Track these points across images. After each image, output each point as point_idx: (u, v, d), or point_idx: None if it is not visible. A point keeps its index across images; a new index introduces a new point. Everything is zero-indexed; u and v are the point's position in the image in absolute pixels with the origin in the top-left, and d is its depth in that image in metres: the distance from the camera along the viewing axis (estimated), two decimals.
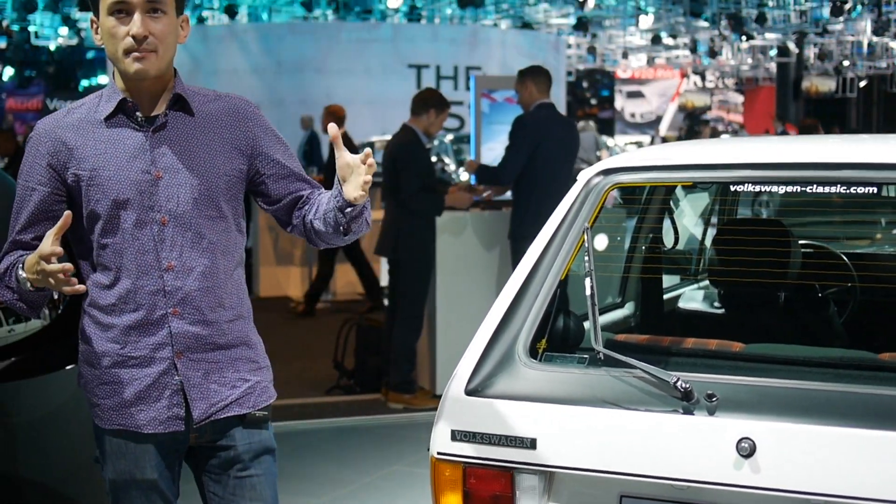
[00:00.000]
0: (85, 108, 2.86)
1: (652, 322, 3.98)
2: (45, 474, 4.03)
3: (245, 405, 2.89)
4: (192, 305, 2.82)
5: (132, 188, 2.77)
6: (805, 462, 2.55)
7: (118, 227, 2.78)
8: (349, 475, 5.78)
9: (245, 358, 2.92)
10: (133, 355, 2.81)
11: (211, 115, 2.89)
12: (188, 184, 2.81)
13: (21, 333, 4.08)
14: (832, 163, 2.96)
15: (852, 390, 2.64)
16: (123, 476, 2.88)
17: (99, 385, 2.86)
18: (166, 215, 2.79)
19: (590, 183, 3.18)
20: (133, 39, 2.72)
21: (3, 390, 3.87)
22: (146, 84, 2.79)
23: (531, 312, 2.98)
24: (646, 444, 2.70)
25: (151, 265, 2.79)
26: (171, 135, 2.83)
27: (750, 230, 3.92)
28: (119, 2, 2.72)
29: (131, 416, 2.83)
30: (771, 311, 3.79)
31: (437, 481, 2.92)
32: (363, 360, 7.89)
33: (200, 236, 2.83)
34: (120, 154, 2.78)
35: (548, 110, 7.78)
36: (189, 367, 2.83)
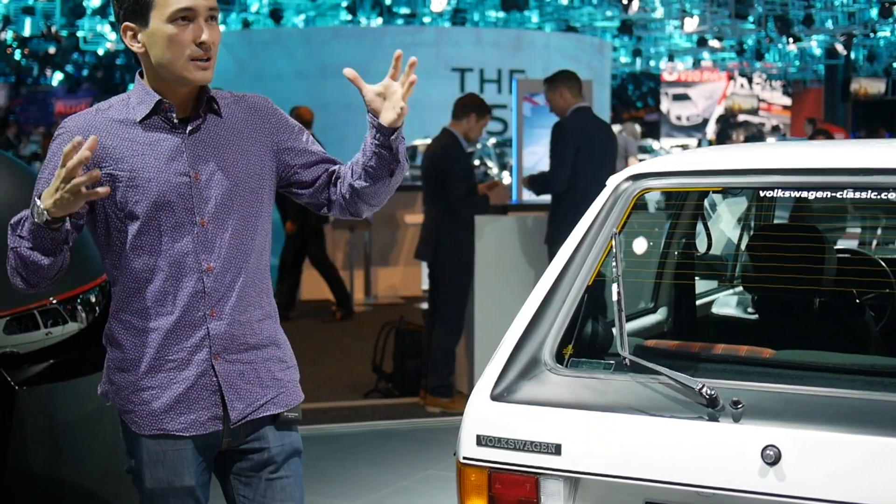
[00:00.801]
0: (115, 108, 2.83)
1: (684, 327, 3.96)
2: (82, 476, 4.08)
3: (279, 404, 2.90)
4: (230, 306, 2.81)
5: (172, 190, 2.76)
6: (831, 470, 2.53)
7: (156, 229, 2.76)
8: (385, 478, 5.80)
9: (276, 357, 2.92)
10: (170, 358, 2.79)
11: (236, 117, 2.90)
12: (225, 185, 2.81)
13: (58, 336, 4.12)
14: (861, 168, 2.94)
15: (881, 398, 2.62)
16: (161, 484, 2.86)
17: (135, 392, 2.82)
18: (205, 217, 2.79)
19: (618, 188, 3.18)
20: (200, 47, 2.72)
21: (42, 392, 3.92)
22: (187, 90, 2.80)
23: (558, 318, 2.98)
24: (670, 450, 2.69)
25: (191, 267, 2.78)
26: (205, 136, 2.83)
27: (784, 235, 3.90)
28: (186, 9, 2.71)
29: (172, 420, 2.81)
30: (805, 317, 3.76)
31: (462, 486, 2.92)
32: (402, 363, 7.92)
33: (238, 237, 2.83)
34: (158, 156, 2.77)
35: (585, 114, 7.74)
36: (226, 368, 2.82)
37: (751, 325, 3.97)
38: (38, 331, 4.09)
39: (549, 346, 2.93)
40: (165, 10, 2.71)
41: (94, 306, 4.33)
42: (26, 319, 4.07)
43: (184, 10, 2.71)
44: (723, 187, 3.42)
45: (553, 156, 7.59)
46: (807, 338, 3.58)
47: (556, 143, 7.59)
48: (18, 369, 3.84)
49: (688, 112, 41.21)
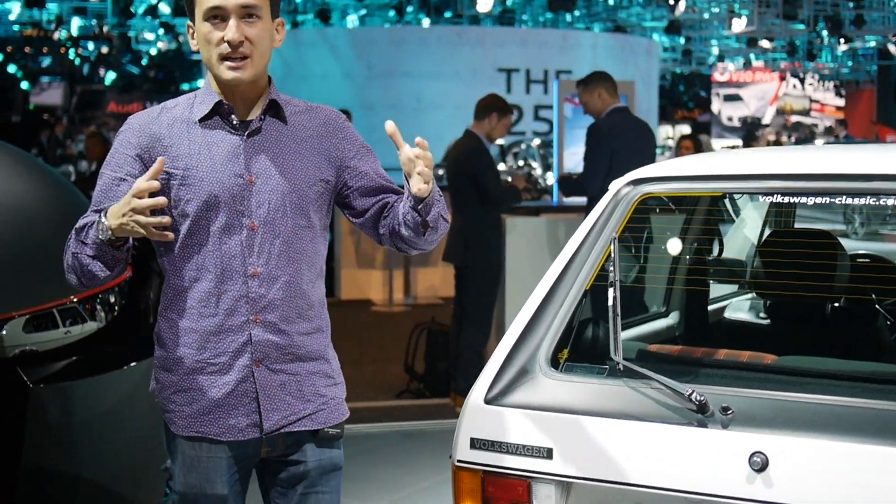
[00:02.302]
0: (179, 107, 2.84)
1: (694, 332, 3.95)
2: (100, 473, 4.14)
3: (317, 421, 2.86)
4: (275, 314, 2.77)
5: (224, 191, 2.74)
6: (818, 477, 2.53)
7: (206, 229, 2.75)
8: (407, 479, 5.83)
9: (321, 372, 2.88)
10: (212, 361, 2.77)
11: (303, 125, 2.86)
12: (280, 190, 2.78)
13: (77, 335, 4.19)
14: (860, 174, 2.92)
15: (872, 405, 2.60)
16: (193, 490, 2.83)
17: (176, 392, 2.81)
18: (256, 221, 2.76)
19: (619, 193, 3.18)
20: (228, 45, 2.71)
21: (60, 390, 3.98)
22: (241, 88, 2.78)
23: (554, 322, 2.99)
24: (660, 456, 2.69)
25: (237, 270, 2.75)
26: (265, 140, 2.80)
27: (797, 241, 3.87)
28: (215, 7, 2.70)
29: (209, 423, 2.79)
30: (817, 322, 3.74)
31: (457, 489, 2.94)
32: (433, 364, 7.94)
33: (288, 245, 2.79)
34: (214, 155, 2.76)
35: (622, 114, 7.69)
36: (266, 377, 2.78)
37: (761, 331, 3.96)
38: (57, 329, 4.16)
39: (544, 351, 2.94)
40: (202, 8, 2.73)
41: (114, 306, 4.40)
42: (46, 318, 4.14)
43: (214, 9, 2.71)
44: (722, 192, 3.42)
45: (587, 159, 7.55)
46: (817, 344, 3.56)
47: (590, 145, 7.54)
48: (35, 367, 3.90)
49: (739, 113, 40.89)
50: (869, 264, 4.15)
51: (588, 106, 7.74)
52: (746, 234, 4.97)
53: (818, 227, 4.18)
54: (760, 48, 30.03)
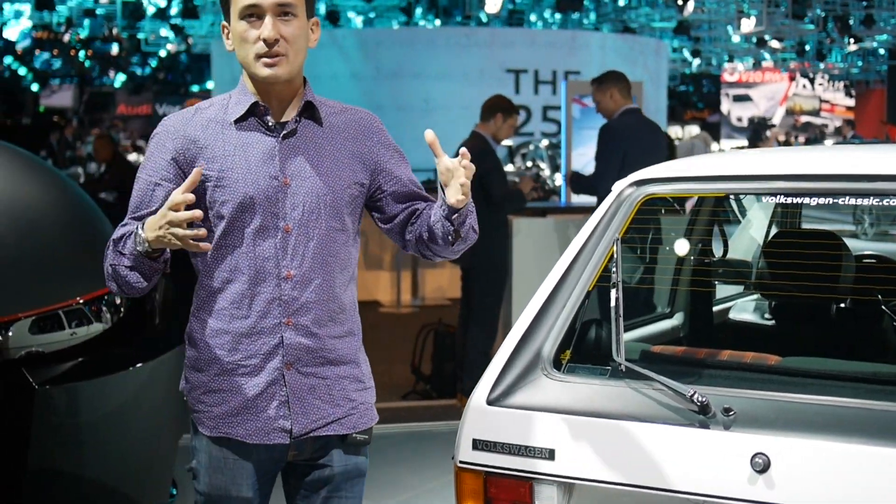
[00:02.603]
0: (214, 108, 2.83)
1: (698, 333, 3.95)
2: (105, 473, 4.15)
3: (346, 425, 2.84)
4: (307, 317, 2.76)
5: (259, 193, 2.73)
6: (819, 478, 2.52)
7: (240, 231, 2.74)
8: (412, 480, 5.83)
9: (352, 376, 2.87)
10: (243, 363, 2.76)
11: (338, 127, 2.85)
12: (315, 193, 2.76)
13: (82, 336, 4.20)
14: (862, 174, 2.92)
15: (875, 406, 2.60)
16: (219, 491, 2.83)
17: (206, 392, 2.81)
18: (290, 223, 2.75)
19: (622, 194, 3.18)
20: (264, 43, 2.70)
21: (66, 391, 3.99)
22: (277, 88, 2.77)
23: (557, 323, 2.99)
24: (662, 457, 2.69)
25: (270, 272, 2.74)
26: (300, 142, 2.79)
27: (802, 242, 3.87)
28: (250, 5, 2.70)
29: (237, 425, 2.78)
30: (821, 323, 3.74)
31: (459, 490, 2.94)
32: (440, 365, 7.95)
33: (321, 248, 2.78)
34: (249, 157, 2.75)
35: (634, 115, 7.67)
36: (296, 380, 2.77)
37: (766, 331, 3.96)
38: (63, 331, 4.17)
39: (546, 352, 2.94)
40: (237, 7, 2.72)
41: (119, 307, 4.41)
42: (51, 320, 4.15)
43: (250, 7, 2.70)
44: (725, 193, 3.41)
45: (599, 159, 7.53)
46: (822, 345, 3.55)
47: (602, 145, 7.53)
48: (40, 369, 3.91)
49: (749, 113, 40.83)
50: (875, 265, 4.15)
51: (600, 106, 7.72)
52: (753, 234, 4.97)
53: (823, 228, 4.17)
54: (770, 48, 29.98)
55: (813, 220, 5.43)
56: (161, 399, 4.30)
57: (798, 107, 40.32)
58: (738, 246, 4.95)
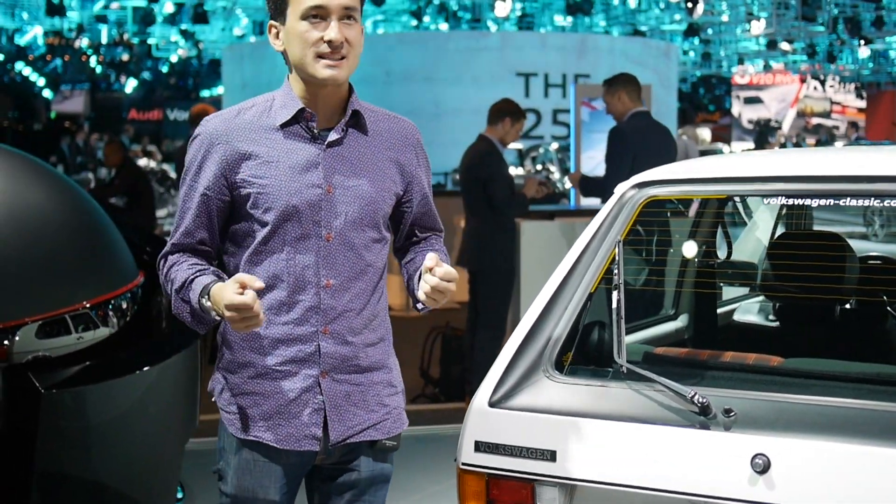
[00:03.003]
0: (256, 109, 2.81)
1: (702, 335, 3.95)
2: (111, 477, 4.16)
3: (381, 430, 2.87)
4: (343, 325, 2.77)
5: (303, 201, 2.73)
6: (819, 479, 2.53)
7: (281, 238, 2.74)
8: (419, 483, 5.84)
9: (385, 382, 2.89)
10: (279, 369, 2.77)
11: (383, 135, 2.85)
12: (357, 202, 2.77)
13: (89, 340, 4.21)
14: (863, 175, 2.92)
15: (876, 406, 2.60)
16: (246, 493, 2.82)
17: (239, 395, 2.81)
18: (332, 232, 2.75)
19: (624, 196, 3.19)
20: (329, 45, 2.68)
21: (72, 395, 4.00)
22: (326, 92, 2.75)
23: (559, 325, 3.00)
24: (663, 458, 2.70)
25: (310, 281, 2.75)
26: (345, 151, 2.78)
27: (806, 244, 3.87)
28: (316, 6, 2.68)
29: (269, 429, 2.78)
30: (826, 324, 3.74)
31: (462, 492, 2.96)
32: (448, 368, 7.96)
33: (360, 257, 2.78)
34: (294, 165, 2.74)
35: (644, 119, 7.67)
36: (333, 388, 2.78)
37: (770, 333, 3.96)
38: (69, 335, 4.18)
39: (548, 354, 2.95)
40: (299, 7, 2.70)
41: (126, 312, 4.42)
42: (58, 324, 4.17)
43: (316, 8, 2.69)
44: (726, 195, 3.42)
45: (609, 161, 7.52)
46: (826, 346, 3.56)
47: (612, 148, 7.52)
48: (47, 373, 3.92)
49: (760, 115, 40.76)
50: (880, 266, 4.15)
51: (610, 108, 7.73)
52: (759, 236, 4.98)
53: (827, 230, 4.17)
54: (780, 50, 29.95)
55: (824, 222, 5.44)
56: (167, 402, 4.32)
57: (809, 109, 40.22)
58: (745, 247, 4.95)
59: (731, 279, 4.17)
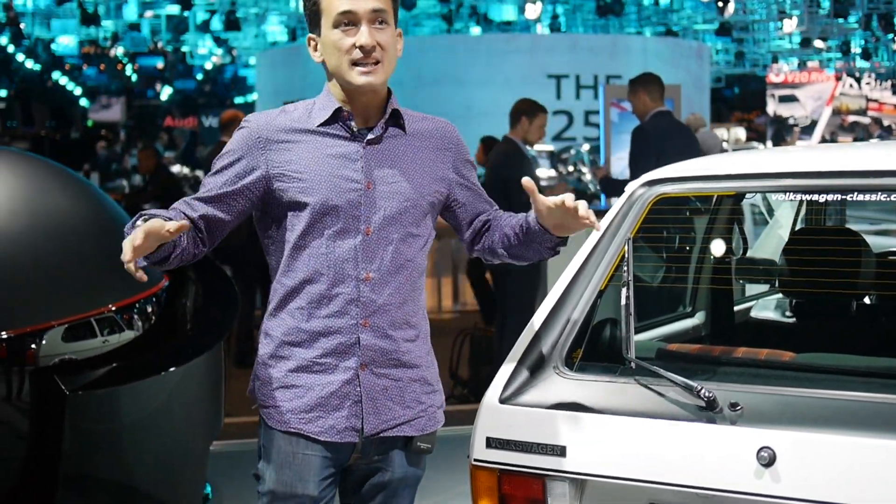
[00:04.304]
0: (298, 112, 2.87)
1: (719, 331, 3.97)
2: (137, 478, 4.23)
3: (416, 427, 2.90)
4: (383, 319, 2.81)
5: (341, 196, 2.77)
6: (825, 471, 2.54)
7: (321, 232, 2.79)
8: (445, 483, 5.87)
9: (422, 379, 2.92)
10: (319, 361, 2.81)
11: (421, 135, 2.91)
12: (396, 198, 2.82)
13: (115, 343, 4.28)
14: (870, 170, 2.93)
15: (881, 399, 2.61)
16: (285, 487, 2.85)
17: (279, 388, 2.84)
18: (371, 226, 2.79)
19: (634, 194, 3.22)
20: (361, 50, 2.74)
21: (99, 397, 4.07)
22: (364, 98, 2.81)
23: (569, 322, 3.03)
24: (671, 452, 2.72)
25: (349, 274, 2.79)
26: (384, 148, 2.84)
27: (821, 238, 3.88)
28: (345, 13, 2.74)
29: (310, 421, 2.81)
30: (842, 320, 3.74)
31: (474, 487, 2.99)
32: (476, 369, 8.00)
33: (399, 252, 2.82)
34: (333, 161, 2.80)
35: (665, 118, 7.69)
36: (371, 381, 2.82)
37: (786, 329, 3.97)
38: (95, 339, 4.25)
39: (558, 350, 2.98)
40: (330, 16, 2.76)
41: (150, 315, 4.49)
42: (84, 328, 4.24)
43: (344, 15, 2.74)
44: (735, 191, 3.44)
45: (633, 161, 7.56)
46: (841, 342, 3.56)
47: (636, 148, 7.56)
48: (72, 376, 3.99)
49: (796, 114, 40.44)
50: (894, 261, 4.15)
51: (634, 108, 7.78)
52: (781, 234, 4.98)
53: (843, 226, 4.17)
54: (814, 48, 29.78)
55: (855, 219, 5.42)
56: (192, 403, 4.38)
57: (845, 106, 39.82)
58: (767, 244, 4.96)
59: (748, 276, 4.17)
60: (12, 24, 23.79)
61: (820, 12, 22.57)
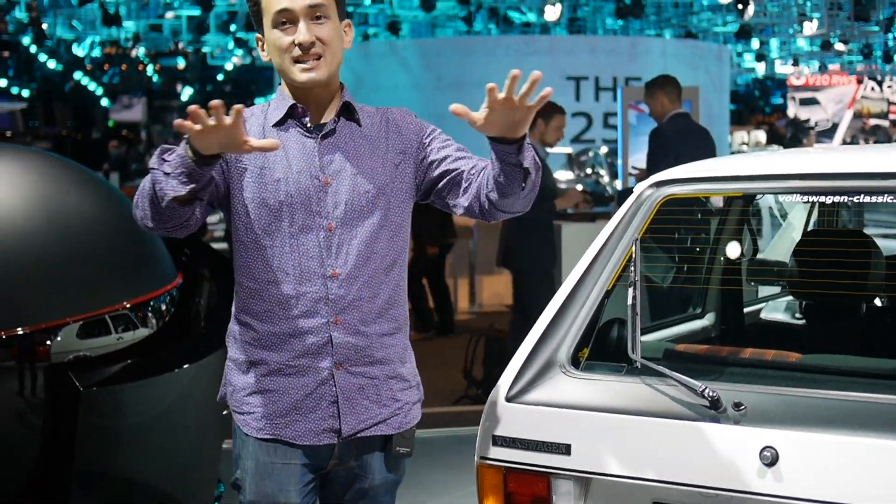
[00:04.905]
0: (255, 114, 2.86)
1: (728, 332, 3.98)
2: (150, 474, 4.26)
3: (392, 425, 2.86)
4: (355, 315, 2.77)
5: (300, 192, 2.75)
6: (827, 471, 2.56)
7: (283, 231, 2.76)
8: (455, 483, 5.90)
9: (398, 375, 2.88)
10: (291, 363, 2.77)
11: (376, 125, 2.88)
12: (356, 190, 2.78)
13: (129, 341, 4.32)
14: (877, 172, 2.94)
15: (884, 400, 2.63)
16: (266, 499, 2.81)
17: (252, 394, 2.80)
18: (333, 221, 2.76)
19: (642, 195, 3.24)
20: (300, 48, 2.73)
21: (113, 393, 4.11)
22: (315, 93, 2.80)
23: (576, 322, 3.05)
24: (674, 451, 2.74)
25: (315, 272, 2.75)
26: (339, 141, 2.82)
27: (831, 240, 3.89)
28: (282, 11, 2.73)
29: (286, 425, 2.78)
30: (851, 322, 3.75)
31: (481, 485, 3.01)
32: (490, 370, 8.02)
33: (366, 245, 2.79)
34: (290, 158, 2.77)
35: (683, 120, 7.70)
36: (346, 380, 2.78)
37: (795, 331, 3.98)
38: (109, 335, 4.29)
39: (565, 350, 3.00)
40: (269, 16, 2.76)
41: (164, 312, 4.53)
42: (98, 325, 4.28)
43: (281, 13, 2.74)
44: (743, 193, 3.45)
45: (651, 164, 7.57)
46: (850, 343, 3.58)
47: (653, 149, 7.58)
48: (86, 372, 4.03)
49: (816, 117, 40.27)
50: None
51: (651, 110, 7.79)
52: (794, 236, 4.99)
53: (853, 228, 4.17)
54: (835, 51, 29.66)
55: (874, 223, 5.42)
56: (205, 400, 4.40)
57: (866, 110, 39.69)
58: (779, 246, 4.97)
59: (758, 277, 4.19)
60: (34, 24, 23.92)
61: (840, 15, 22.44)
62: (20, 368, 4.01)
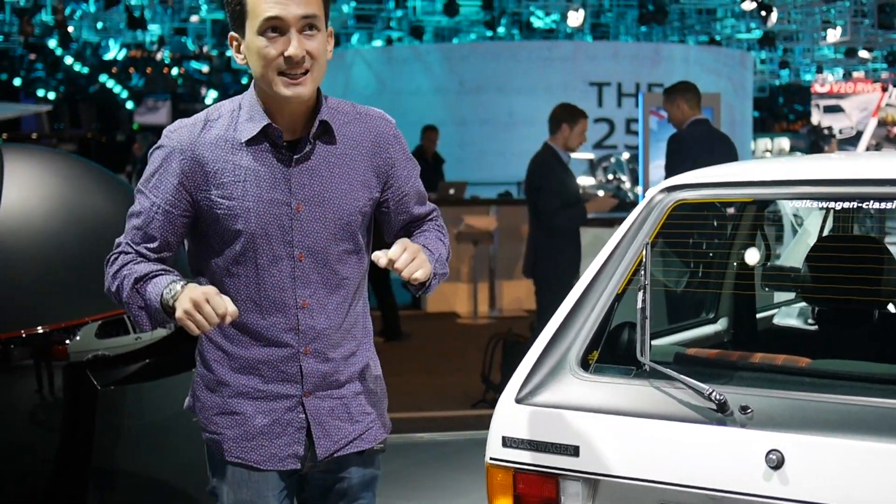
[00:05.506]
0: (223, 122, 2.65)
1: (740, 337, 4.00)
2: (166, 472, 4.31)
3: (367, 440, 2.81)
4: (324, 343, 2.70)
5: (272, 222, 2.62)
6: (832, 475, 2.57)
7: (253, 260, 2.63)
8: (469, 485, 5.93)
9: (367, 390, 2.81)
10: (260, 388, 2.69)
11: (352, 141, 2.71)
12: (327, 218, 2.66)
13: (146, 340, 4.37)
14: (887, 178, 2.96)
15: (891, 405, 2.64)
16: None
17: (219, 414, 2.73)
18: (303, 251, 2.65)
19: (653, 200, 3.26)
20: (288, 62, 2.54)
21: (131, 392, 4.17)
22: (293, 105, 2.61)
23: (586, 324, 3.07)
24: (682, 453, 2.76)
25: (287, 303, 2.65)
26: (313, 165, 2.65)
27: (843, 246, 3.90)
28: (272, 18, 2.53)
29: (251, 450, 2.70)
30: (863, 327, 3.76)
31: (490, 486, 3.03)
32: (509, 374, 8.02)
33: (335, 272, 2.70)
34: (261, 184, 2.61)
35: (703, 126, 7.71)
36: (316, 405, 2.72)
37: (807, 336, 3.99)
38: (128, 335, 4.35)
39: (574, 352, 3.03)
40: (255, 21, 2.54)
41: None
42: (117, 324, 4.33)
43: (272, 20, 2.53)
44: (753, 198, 3.47)
45: (669, 170, 7.57)
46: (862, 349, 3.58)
47: (672, 155, 7.57)
48: (104, 371, 4.08)
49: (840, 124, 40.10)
50: None
51: (670, 116, 7.80)
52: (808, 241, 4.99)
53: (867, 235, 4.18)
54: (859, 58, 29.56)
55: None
56: None
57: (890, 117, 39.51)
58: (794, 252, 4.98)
59: (771, 283, 4.20)
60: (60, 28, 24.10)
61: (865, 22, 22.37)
62: (39, 367, 4.06)
